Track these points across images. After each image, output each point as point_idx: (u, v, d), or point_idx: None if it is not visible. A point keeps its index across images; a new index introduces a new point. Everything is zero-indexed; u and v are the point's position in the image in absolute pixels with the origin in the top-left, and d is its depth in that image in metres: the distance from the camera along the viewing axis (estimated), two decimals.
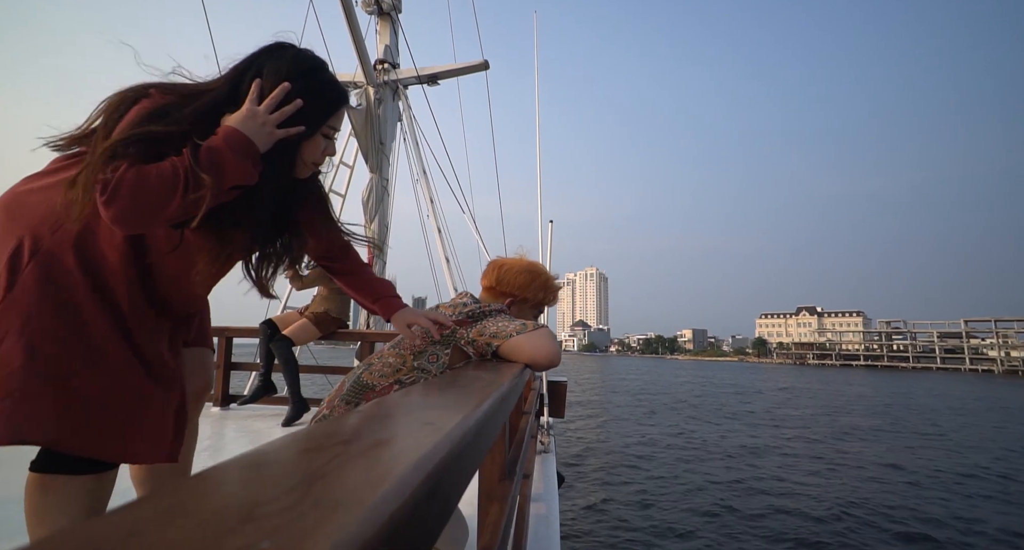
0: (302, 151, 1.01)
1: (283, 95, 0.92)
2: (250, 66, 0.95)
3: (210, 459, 2.35)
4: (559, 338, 50.32)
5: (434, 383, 0.84)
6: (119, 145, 0.81)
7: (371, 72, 5.24)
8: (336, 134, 1.08)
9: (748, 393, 30.88)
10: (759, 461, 11.13)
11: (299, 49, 1.00)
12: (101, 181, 0.79)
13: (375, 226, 5.22)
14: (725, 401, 25.42)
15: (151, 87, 0.92)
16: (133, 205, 0.80)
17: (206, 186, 0.83)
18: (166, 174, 0.81)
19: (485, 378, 0.91)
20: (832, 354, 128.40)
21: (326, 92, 1.00)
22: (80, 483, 0.98)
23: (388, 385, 1.27)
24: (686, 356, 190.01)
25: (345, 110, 1.08)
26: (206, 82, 0.96)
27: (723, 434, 14.77)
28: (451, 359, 1.33)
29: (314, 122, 0.99)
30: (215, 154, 0.85)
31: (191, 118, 0.87)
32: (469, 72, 5.81)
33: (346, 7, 4.53)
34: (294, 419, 3.17)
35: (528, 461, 2.15)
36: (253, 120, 0.89)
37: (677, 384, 37.90)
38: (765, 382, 43.77)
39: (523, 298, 1.54)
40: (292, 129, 0.94)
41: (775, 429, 15.92)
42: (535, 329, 1.32)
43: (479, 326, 1.34)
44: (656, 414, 19.20)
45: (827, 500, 8.07)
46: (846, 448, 12.90)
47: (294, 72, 0.95)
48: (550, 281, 1.60)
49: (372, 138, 5.23)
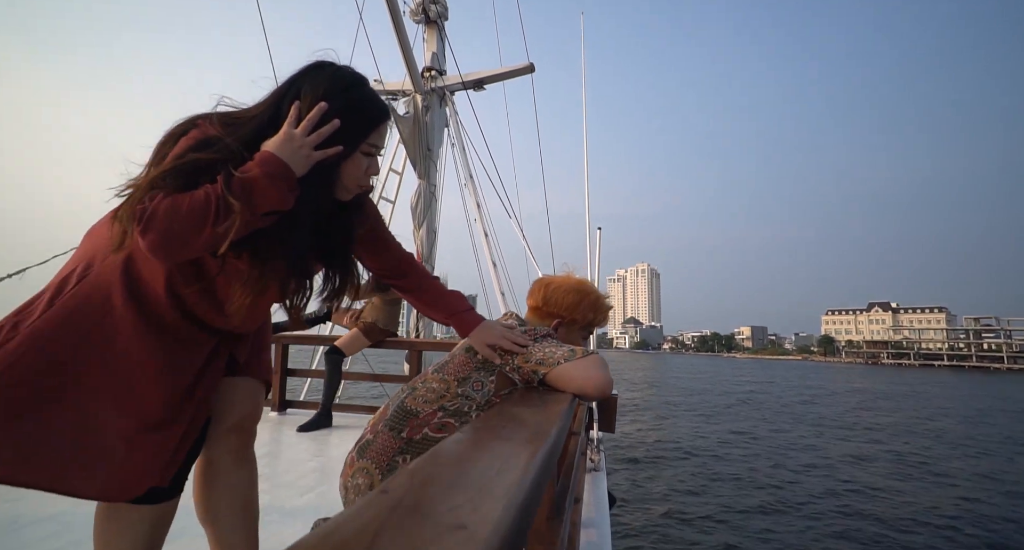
0: (342, 172, 0.99)
1: (320, 115, 0.90)
2: (289, 88, 0.94)
3: (267, 466, 2.45)
4: (609, 335, 49.94)
5: (471, 439, 0.79)
6: (159, 176, 0.83)
7: (419, 80, 5.31)
8: (379, 151, 1.04)
9: (821, 395, 28.74)
10: (854, 473, 10.07)
11: (337, 67, 0.97)
12: (139, 211, 0.80)
13: (423, 232, 5.30)
14: (794, 401, 23.81)
15: (198, 118, 0.93)
16: (166, 234, 0.80)
17: (235, 212, 0.82)
18: (198, 202, 0.81)
19: (531, 423, 0.85)
20: (910, 353, 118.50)
21: (365, 109, 0.97)
22: (141, 512, 1.02)
23: (432, 411, 1.24)
24: (744, 354, 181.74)
25: (387, 126, 1.04)
26: (250, 108, 0.96)
27: (800, 439, 13.74)
28: (496, 385, 1.29)
29: (353, 140, 0.96)
30: (248, 180, 0.85)
31: (235, 146, 0.88)
32: (514, 76, 5.78)
33: (395, 18, 4.62)
34: (312, 427, 3.27)
35: (578, 484, 2.08)
36: (289, 143, 0.88)
37: (737, 383, 36.26)
38: (836, 382, 41.06)
39: (571, 320, 1.47)
40: (330, 150, 0.92)
41: (868, 440, 14.39)
42: (584, 356, 1.24)
43: (525, 352, 1.28)
44: (716, 417, 18.26)
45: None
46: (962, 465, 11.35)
47: (331, 91, 0.93)
48: (600, 300, 1.52)
49: (420, 145, 5.30)
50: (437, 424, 1.22)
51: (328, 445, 2.92)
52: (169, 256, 0.85)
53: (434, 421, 1.22)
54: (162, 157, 0.89)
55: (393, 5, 4.55)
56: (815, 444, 13.45)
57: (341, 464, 2.63)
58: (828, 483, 9.26)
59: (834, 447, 13.07)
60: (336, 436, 3.13)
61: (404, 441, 1.20)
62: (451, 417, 1.24)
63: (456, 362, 1.33)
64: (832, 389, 33.74)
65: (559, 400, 1.09)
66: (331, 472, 2.35)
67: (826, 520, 7.29)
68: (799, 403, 23.89)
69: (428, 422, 1.22)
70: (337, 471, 2.36)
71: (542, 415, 0.92)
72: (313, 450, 2.77)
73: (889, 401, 26.72)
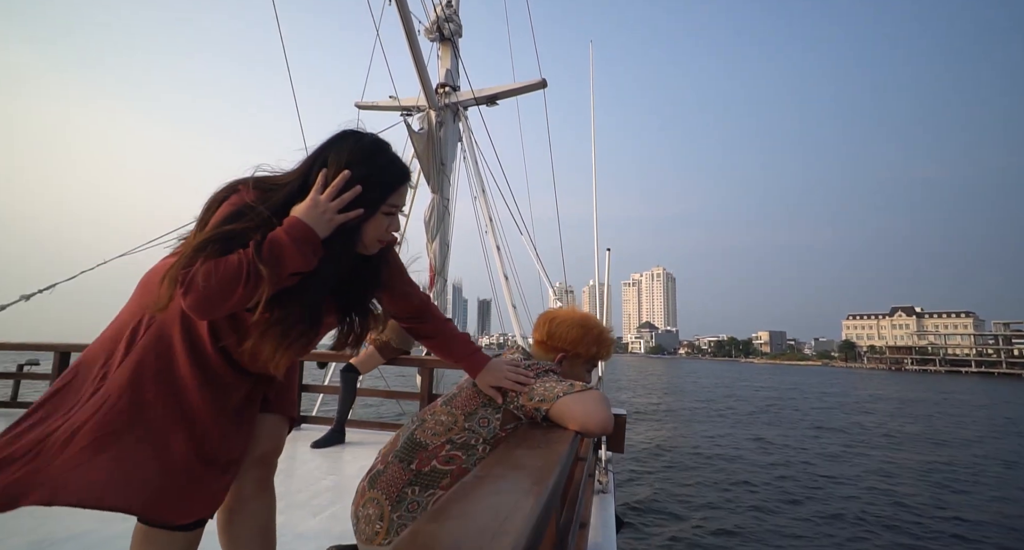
0: (364, 232, 1.08)
1: (344, 182, 0.99)
2: (317, 158, 1.04)
3: (280, 484, 2.47)
4: (624, 340, 49.33)
5: (473, 492, 0.83)
6: (199, 246, 0.94)
7: (433, 96, 5.42)
8: (400, 210, 1.13)
9: (848, 403, 27.69)
10: (893, 488, 9.41)
11: (360, 135, 1.07)
12: (182, 275, 0.92)
13: (436, 245, 5.39)
14: (818, 409, 22.85)
15: (239, 184, 1.04)
16: (203, 296, 0.90)
17: (264, 278, 0.92)
18: (231, 268, 0.91)
19: (531, 468, 0.89)
20: (936, 359, 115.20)
21: (385, 173, 1.07)
22: (175, 538, 1.10)
23: (440, 444, 1.29)
24: (762, 359, 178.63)
25: (408, 186, 1.14)
26: (284, 174, 1.06)
27: (825, 450, 13.07)
28: (503, 420, 1.33)
29: (374, 203, 1.05)
30: (275, 246, 0.94)
31: (266, 214, 0.97)
32: (527, 91, 5.86)
33: (410, 36, 4.74)
34: (326, 443, 3.33)
35: (585, 507, 2.09)
36: (315, 209, 0.98)
37: (755, 389, 35.61)
38: (859, 389, 39.87)
39: (575, 354, 1.51)
40: (351, 213, 1.01)
41: (899, 450, 13.57)
42: (583, 391, 1.27)
43: (528, 390, 1.32)
44: (738, 425, 17.66)
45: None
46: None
47: (355, 159, 1.02)
48: (604, 334, 1.56)
49: (434, 160, 5.41)
50: (445, 457, 1.26)
51: (341, 462, 2.97)
52: (206, 314, 0.96)
53: (442, 454, 1.27)
54: (205, 222, 1.00)
55: (408, 24, 4.67)
56: (847, 455, 12.78)
57: (354, 482, 2.70)
58: (885, 508, 8.43)
59: (884, 460, 12.35)
60: (349, 453, 3.18)
61: (413, 473, 1.25)
62: (459, 450, 1.27)
63: (463, 396, 1.38)
64: (859, 395, 32.95)
65: (561, 439, 1.12)
66: (344, 491, 2.39)
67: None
68: (825, 409, 23.28)
69: (436, 455, 1.27)
70: (350, 490, 2.42)
71: (543, 458, 0.95)
72: (326, 468, 2.82)
73: (930, 409, 25.52)
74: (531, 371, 1.37)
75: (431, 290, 5.36)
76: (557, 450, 1.02)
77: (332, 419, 3.55)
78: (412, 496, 1.23)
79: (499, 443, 1.29)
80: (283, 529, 1.92)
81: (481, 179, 5.87)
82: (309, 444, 3.28)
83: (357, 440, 3.50)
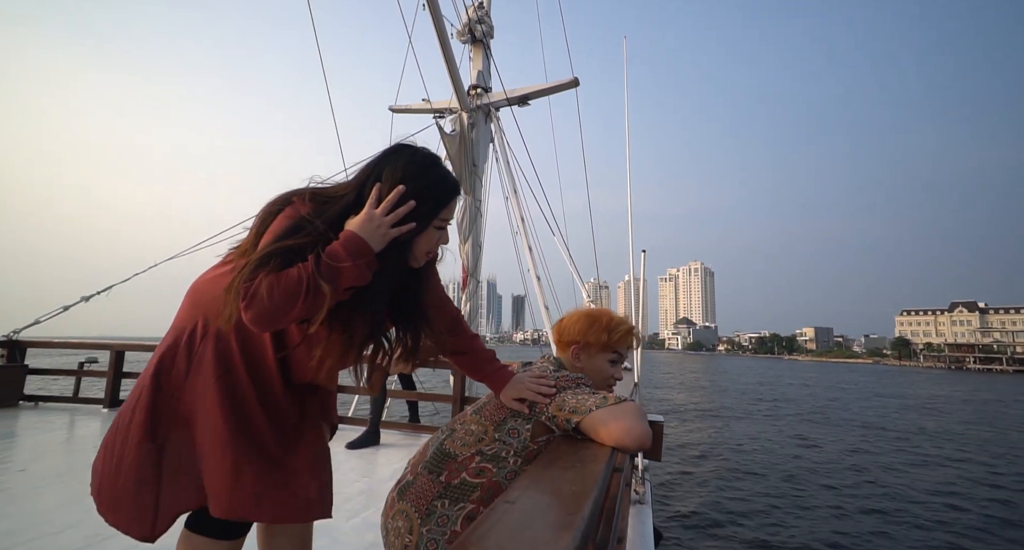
0: (416, 245, 1.10)
1: (398, 197, 1.01)
2: (372, 172, 1.06)
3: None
4: (661, 336, 48.23)
5: (504, 528, 0.71)
6: (261, 260, 0.96)
7: (464, 98, 5.44)
8: (448, 224, 1.14)
9: (917, 407, 25.50)
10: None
11: (414, 150, 1.09)
12: (244, 289, 0.94)
13: (469, 246, 5.42)
14: (887, 415, 20.87)
15: (294, 195, 1.06)
16: (265, 310, 0.92)
17: (324, 292, 0.94)
18: (292, 282, 0.93)
19: (566, 494, 0.82)
20: (1002, 358, 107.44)
21: (437, 188, 1.08)
22: (218, 546, 1.15)
23: (470, 455, 1.27)
24: (807, 357, 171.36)
25: (457, 200, 1.15)
26: (338, 187, 1.08)
27: (894, 461, 11.95)
28: (533, 432, 1.30)
29: (426, 217, 1.07)
30: (334, 260, 0.96)
31: (322, 228, 0.99)
32: (559, 91, 5.80)
33: (442, 39, 4.77)
34: (361, 445, 3.39)
35: (622, 519, 2.02)
36: (370, 223, 0.99)
37: (799, 388, 34.16)
38: (914, 388, 37.58)
39: (586, 343, 1.48)
40: (404, 227, 1.03)
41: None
42: (617, 404, 1.21)
43: (558, 400, 1.28)
44: (781, 424, 16.99)
45: None
46: None
47: (409, 174, 1.04)
48: (613, 320, 1.51)
49: (466, 161, 5.43)
50: (475, 469, 1.24)
51: (375, 464, 3.01)
52: (266, 327, 0.98)
53: (472, 466, 1.24)
54: (260, 234, 1.02)
55: (440, 27, 4.70)
56: (921, 463, 11.86)
57: (386, 486, 2.72)
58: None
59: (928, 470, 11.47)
60: (383, 455, 3.22)
61: (442, 485, 1.23)
62: (489, 462, 1.25)
63: (492, 406, 1.36)
64: (918, 394, 31.10)
65: (597, 458, 1.07)
66: (376, 495, 2.42)
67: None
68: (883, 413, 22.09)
69: (466, 466, 1.25)
70: (382, 494, 2.45)
71: (579, 482, 0.90)
72: (360, 470, 2.86)
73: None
74: (557, 381, 1.33)
75: (464, 291, 5.40)
76: (593, 471, 0.98)
77: (368, 420, 3.61)
78: (441, 510, 1.22)
79: (531, 455, 1.27)
80: (318, 532, 1.94)
81: (513, 179, 5.86)
82: (344, 445, 3.35)
83: (392, 442, 3.55)
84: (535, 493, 0.84)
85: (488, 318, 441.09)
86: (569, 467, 0.99)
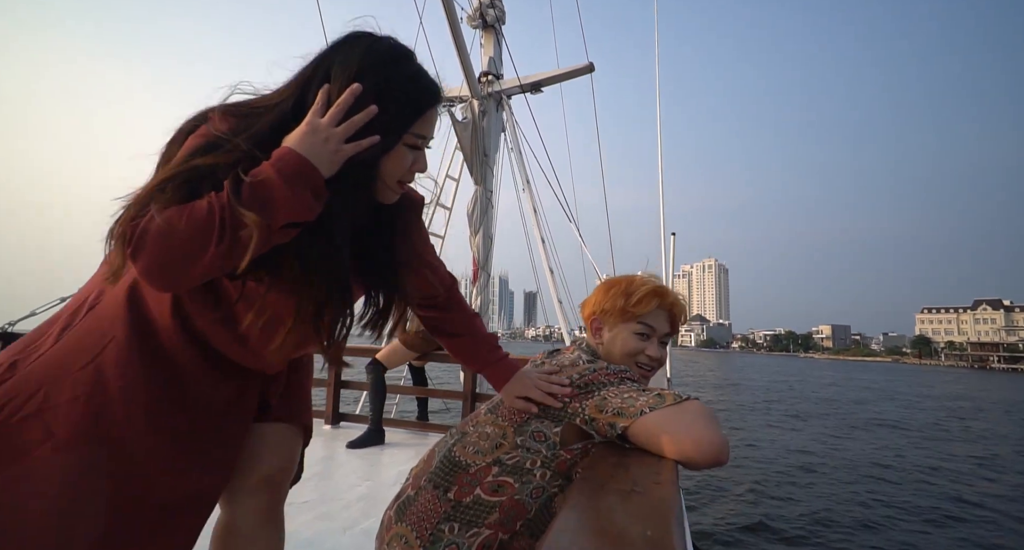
0: (382, 168, 0.80)
1: (352, 99, 0.72)
2: (317, 69, 0.77)
3: (313, 491, 2.36)
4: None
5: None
6: (156, 186, 0.68)
7: (476, 85, 5.29)
8: (427, 143, 0.85)
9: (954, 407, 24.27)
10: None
11: (375, 38, 0.79)
12: (129, 230, 0.66)
13: (480, 238, 5.28)
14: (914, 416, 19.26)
15: (210, 111, 0.78)
16: (161, 257, 0.66)
17: (248, 226, 0.66)
18: (199, 216, 0.66)
19: (637, 541, 0.52)
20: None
21: (409, 90, 0.79)
22: None
23: (485, 466, 1.02)
24: (823, 355, 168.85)
25: (437, 112, 0.85)
26: (271, 94, 0.79)
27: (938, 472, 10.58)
28: (563, 436, 1.04)
29: (395, 129, 0.78)
30: (261, 186, 0.68)
31: (247, 145, 0.72)
32: (573, 76, 5.62)
33: (452, 24, 4.61)
34: (362, 444, 3.15)
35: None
36: (314, 135, 0.71)
37: (819, 386, 33.49)
38: (936, 386, 36.61)
39: (603, 310, 1.23)
40: (364, 141, 0.74)
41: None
42: (677, 403, 0.91)
43: (597, 398, 1.00)
44: (807, 424, 16.09)
45: None
46: None
47: (367, 68, 0.75)
48: (632, 285, 1.23)
49: (477, 150, 5.29)
50: (492, 484, 0.99)
51: (379, 466, 2.86)
52: (167, 283, 0.70)
53: (488, 479, 1.00)
54: (168, 159, 0.74)
55: (451, 12, 4.55)
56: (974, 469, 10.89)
57: (390, 491, 2.59)
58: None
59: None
60: (388, 456, 3.06)
61: (451, 504, 0.99)
62: (509, 475, 1.00)
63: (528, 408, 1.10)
64: (941, 392, 30.29)
65: (661, 478, 0.76)
66: (380, 502, 2.27)
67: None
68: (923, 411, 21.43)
69: (481, 480, 1.00)
70: (386, 499, 2.29)
71: (653, 521, 0.59)
72: (362, 472, 2.70)
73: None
74: (593, 376, 1.06)
75: (475, 285, 5.27)
76: (663, 500, 0.66)
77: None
78: (450, 536, 0.97)
79: (562, 467, 1.00)
80: (311, 545, 1.81)
81: (526, 169, 5.70)
82: (344, 444, 3.16)
83: (398, 441, 3.39)
84: (592, 540, 0.55)
85: (500, 314, 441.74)
86: (627, 492, 0.71)
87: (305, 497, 2.24)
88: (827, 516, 7.58)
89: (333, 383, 3.74)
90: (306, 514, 2.07)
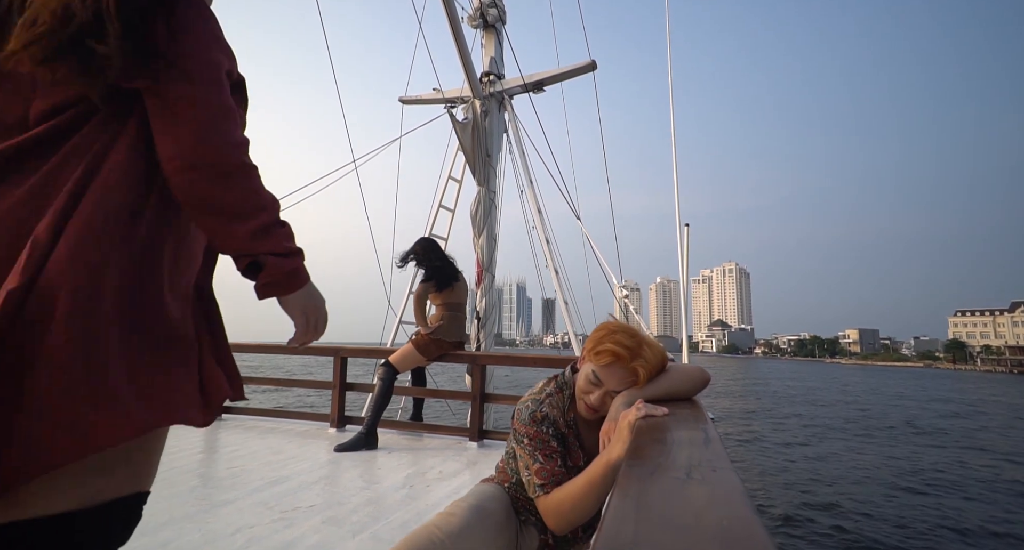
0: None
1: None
2: None
3: (319, 495, 2.29)
4: (695, 339, 46.87)
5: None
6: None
7: (477, 86, 5.24)
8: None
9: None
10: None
11: None
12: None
13: (483, 239, 5.20)
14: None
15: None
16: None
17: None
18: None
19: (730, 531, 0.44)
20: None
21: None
22: None
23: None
24: (850, 360, 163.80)
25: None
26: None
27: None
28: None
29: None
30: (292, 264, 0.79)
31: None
32: (576, 75, 5.52)
33: (453, 25, 4.58)
34: (351, 448, 3.05)
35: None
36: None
37: (849, 394, 32.18)
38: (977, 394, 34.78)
39: (584, 347, 1.28)
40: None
41: None
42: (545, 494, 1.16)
43: (519, 453, 1.23)
44: (851, 440, 15.00)
45: None
46: None
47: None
48: (607, 335, 1.21)
49: (479, 151, 5.22)
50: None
51: (381, 470, 2.77)
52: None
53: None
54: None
55: (452, 12, 4.52)
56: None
57: (397, 493, 2.50)
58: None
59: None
60: (386, 460, 2.97)
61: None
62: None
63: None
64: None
65: (720, 470, 0.63)
66: (386, 507, 2.15)
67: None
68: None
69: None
70: (390, 504, 2.22)
71: (723, 511, 0.49)
72: (365, 477, 2.62)
73: None
74: (523, 417, 1.25)
75: (479, 286, 5.17)
76: (735, 487, 0.56)
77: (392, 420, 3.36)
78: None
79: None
80: (320, 547, 1.73)
81: (528, 170, 5.61)
82: (332, 448, 3.08)
83: (391, 444, 3.30)
84: (661, 530, 0.44)
85: (518, 321, 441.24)
86: (683, 481, 0.59)
87: (311, 501, 2.19)
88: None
89: (338, 385, 3.68)
90: (312, 518, 2.02)
